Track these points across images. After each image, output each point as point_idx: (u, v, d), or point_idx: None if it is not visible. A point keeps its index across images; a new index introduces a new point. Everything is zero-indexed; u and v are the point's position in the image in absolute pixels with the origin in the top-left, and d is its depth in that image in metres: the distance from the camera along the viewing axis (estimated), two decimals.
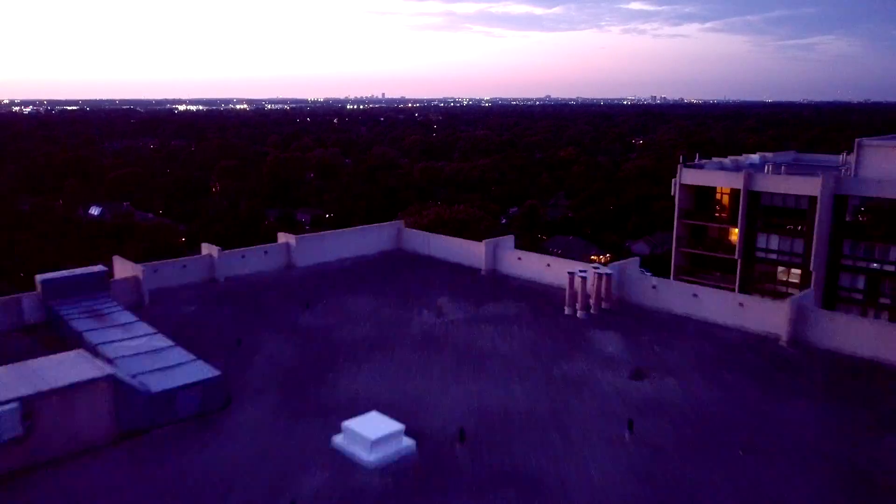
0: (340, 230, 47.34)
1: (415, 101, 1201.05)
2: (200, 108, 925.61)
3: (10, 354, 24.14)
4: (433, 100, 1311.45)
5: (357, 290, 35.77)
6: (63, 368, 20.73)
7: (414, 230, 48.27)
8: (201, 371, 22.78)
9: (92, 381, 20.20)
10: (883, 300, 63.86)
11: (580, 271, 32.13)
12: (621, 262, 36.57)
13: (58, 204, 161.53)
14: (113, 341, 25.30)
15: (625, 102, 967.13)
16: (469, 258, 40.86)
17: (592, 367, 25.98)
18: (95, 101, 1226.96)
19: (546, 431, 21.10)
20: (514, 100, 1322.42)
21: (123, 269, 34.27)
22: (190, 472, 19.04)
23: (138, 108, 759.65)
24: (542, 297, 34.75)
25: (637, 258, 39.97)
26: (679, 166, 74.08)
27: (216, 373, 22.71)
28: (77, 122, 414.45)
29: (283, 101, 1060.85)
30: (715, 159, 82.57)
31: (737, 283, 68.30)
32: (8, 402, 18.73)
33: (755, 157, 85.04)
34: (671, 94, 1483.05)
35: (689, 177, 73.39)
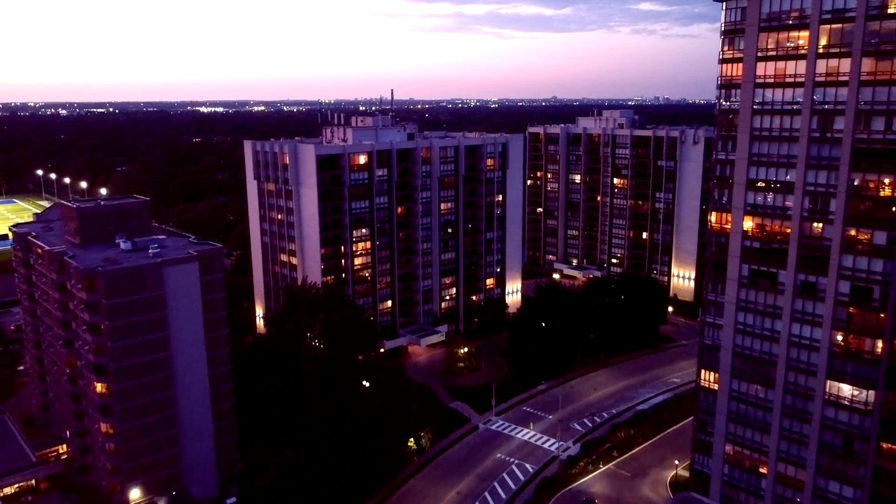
0: None
1: (424, 102, 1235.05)
2: (219, 109, 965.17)
3: None
4: (442, 101, 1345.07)
5: None
6: None
7: None
8: None
9: None
10: None
11: None
12: None
13: None
14: None
15: (629, 103, 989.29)
16: None
17: None
18: (121, 103, 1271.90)
19: None
20: (521, 101, 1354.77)
21: None
22: None
23: (169, 111, 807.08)
24: None
25: None
26: None
27: None
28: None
29: (298, 103, 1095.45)
30: None
31: None
32: None
33: None
34: (678, 95, 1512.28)
35: None
